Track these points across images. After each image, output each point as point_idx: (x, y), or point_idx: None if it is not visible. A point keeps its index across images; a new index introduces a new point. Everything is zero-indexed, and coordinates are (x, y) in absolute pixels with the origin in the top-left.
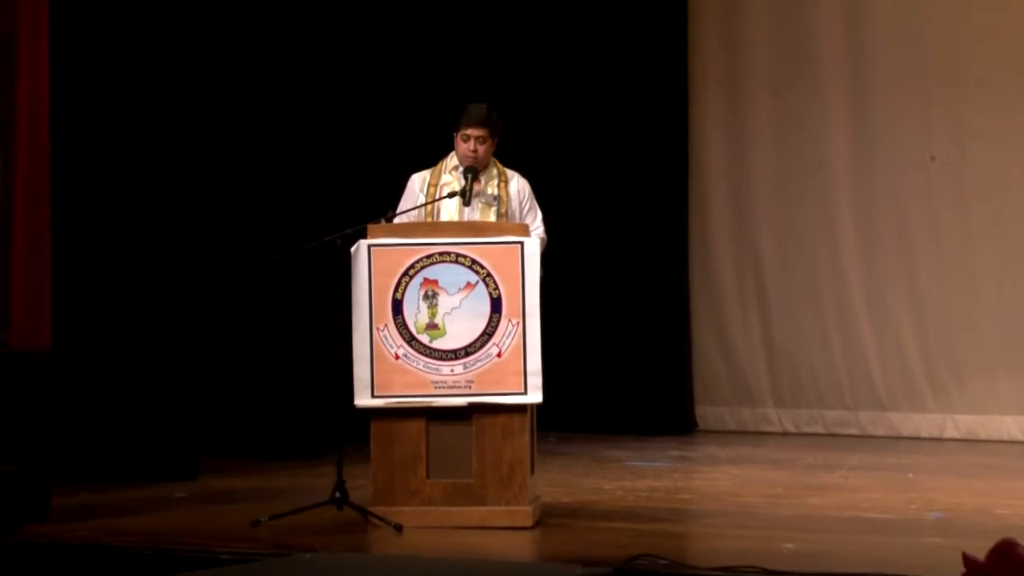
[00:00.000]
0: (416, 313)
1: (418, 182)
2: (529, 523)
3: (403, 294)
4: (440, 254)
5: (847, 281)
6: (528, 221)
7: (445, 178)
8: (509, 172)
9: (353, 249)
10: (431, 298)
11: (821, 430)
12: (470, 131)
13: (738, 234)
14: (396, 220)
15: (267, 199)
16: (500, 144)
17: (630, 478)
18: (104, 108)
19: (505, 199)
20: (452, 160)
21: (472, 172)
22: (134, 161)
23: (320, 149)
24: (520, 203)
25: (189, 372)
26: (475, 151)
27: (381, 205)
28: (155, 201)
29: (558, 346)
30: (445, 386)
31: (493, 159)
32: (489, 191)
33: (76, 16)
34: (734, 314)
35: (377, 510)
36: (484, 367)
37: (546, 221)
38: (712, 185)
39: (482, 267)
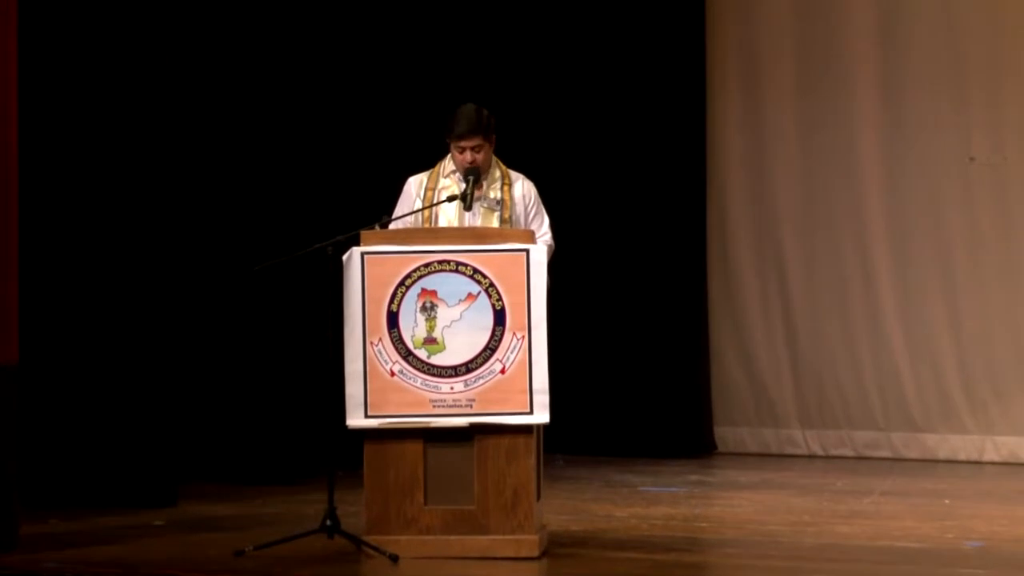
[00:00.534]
0: (413, 326)
1: (415, 185)
2: (535, 553)
3: (399, 306)
4: (439, 263)
5: (878, 291)
6: (534, 227)
7: (444, 181)
8: (513, 174)
9: (345, 257)
10: (429, 310)
11: (850, 453)
12: (464, 142)
13: (760, 241)
14: (392, 226)
15: (251, 204)
16: (504, 144)
17: (644, 504)
18: (76, 109)
19: (509, 203)
20: (449, 163)
21: (473, 175)
22: (108, 164)
23: (309, 149)
24: (525, 207)
25: (167, 390)
26: (472, 161)
27: (375, 210)
28: (131, 207)
29: (566, 362)
30: (444, 405)
31: (495, 159)
32: (491, 195)
33: (47, 11)
34: (756, 326)
35: (371, 539)
36: (487, 384)
37: (553, 227)
38: (732, 189)
39: (484, 277)
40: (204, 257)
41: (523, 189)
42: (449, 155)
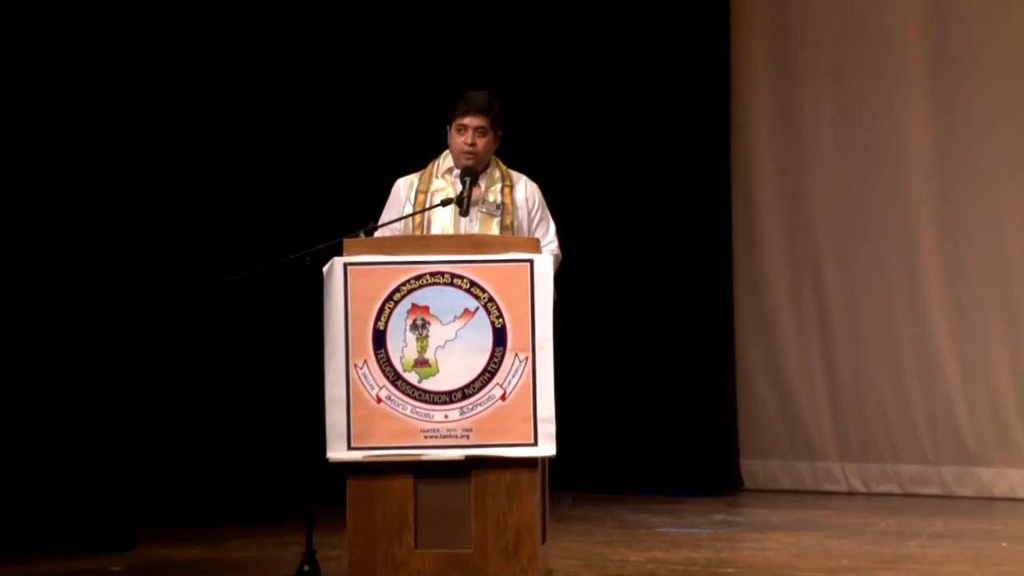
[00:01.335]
0: (402, 347)
1: (404, 188)
2: None
3: (387, 324)
4: (432, 275)
5: (928, 308)
6: (538, 234)
7: (437, 183)
8: (515, 175)
9: (326, 269)
10: (421, 328)
11: (896, 489)
12: (468, 120)
13: (793, 249)
14: (378, 233)
15: (220, 208)
16: (504, 143)
17: (663, 548)
18: (19, 107)
19: (510, 207)
20: (445, 161)
21: (471, 175)
22: (53, 164)
23: (285, 146)
24: (529, 212)
25: (124, 421)
26: (473, 144)
27: (360, 216)
28: (82, 213)
29: (575, 387)
30: (438, 435)
31: (495, 159)
32: (491, 198)
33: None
34: (789, 346)
35: None
36: (485, 412)
37: (560, 233)
38: (761, 191)
39: (483, 290)
40: (166, 270)
41: (526, 191)
42: (443, 153)
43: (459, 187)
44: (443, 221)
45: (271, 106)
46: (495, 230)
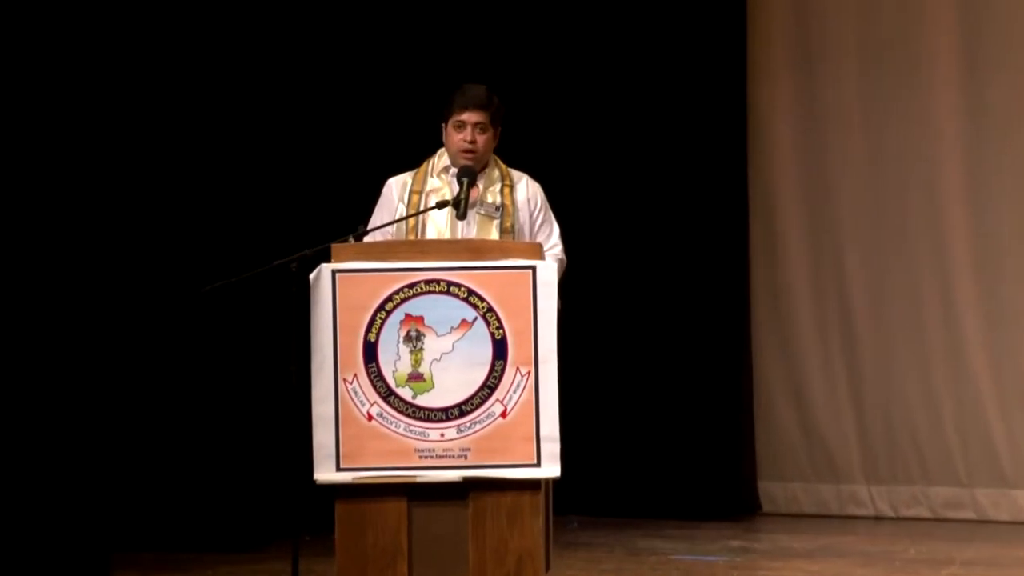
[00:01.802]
0: (395, 360)
1: (396, 188)
2: None
3: (378, 335)
4: (427, 283)
5: (960, 318)
6: (541, 237)
7: (432, 183)
8: (515, 174)
9: (312, 276)
10: (415, 340)
11: (927, 513)
12: (466, 115)
13: (815, 256)
14: (369, 238)
15: (197, 211)
16: (506, 140)
17: None
18: None
19: (511, 209)
20: (441, 160)
21: (469, 175)
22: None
23: (269, 145)
24: (531, 214)
25: (94, 439)
26: (472, 142)
27: (349, 219)
28: (51, 213)
29: (581, 403)
30: (433, 455)
31: (494, 158)
32: (490, 199)
33: None
34: (811, 360)
35: None
36: (484, 430)
37: (564, 237)
38: (780, 193)
39: (482, 299)
40: (140, 278)
41: (527, 191)
42: (439, 151)
43: (456, 187)
44: (439, 224)
45: (253, 102)
46: (495, 234)
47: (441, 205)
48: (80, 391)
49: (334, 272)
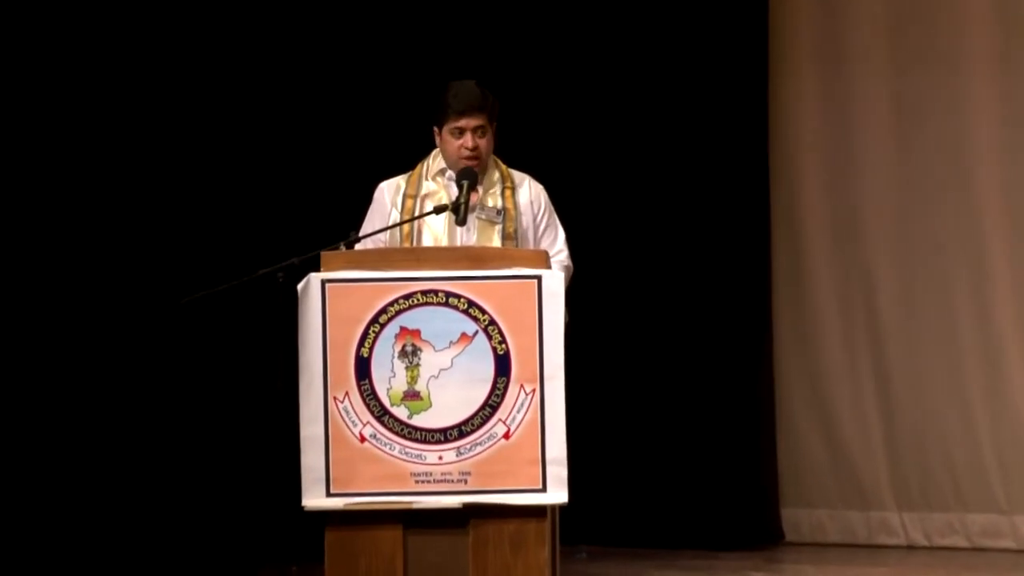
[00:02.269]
0: (390, 377)
1: (389, 192)
2: None
3: (371, 350)
4: (424, 293)
5: (998, 331)
6: (545, 243)
7: (428, 186)
8: (516, 175)
9: (300, 287)
10: (411, 355)
11: (963, 542)
12: (464, 121)
13: (842, 261)
14: (360, 245)
15: (175, 215)
16: (508, 139)
17: None
18: None
19: (513, 213)
20: (436, 161)
21: (470, 177)
22: None
23: (254, 148)
24: (534, 217)
25: (61, 462)
26: (475, 147)
27: (339, 225)
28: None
29: (590, 423)
30: (431, 480)
31: (494, 158)
32: (490, 203)
33: None
34: (838, 377)
35: None
36: (486, 453)
37: (570, 243)
38: (804, 196)
39: (483, 312)
40: (115, 288)
41: (530, 193)
42: (433, 152)
43: (453, 191)
44: (436, 231)
45: (236, 100)
46: (496, 240)
47: (439, 210)
48: (50, 409)
49: (324, 282)
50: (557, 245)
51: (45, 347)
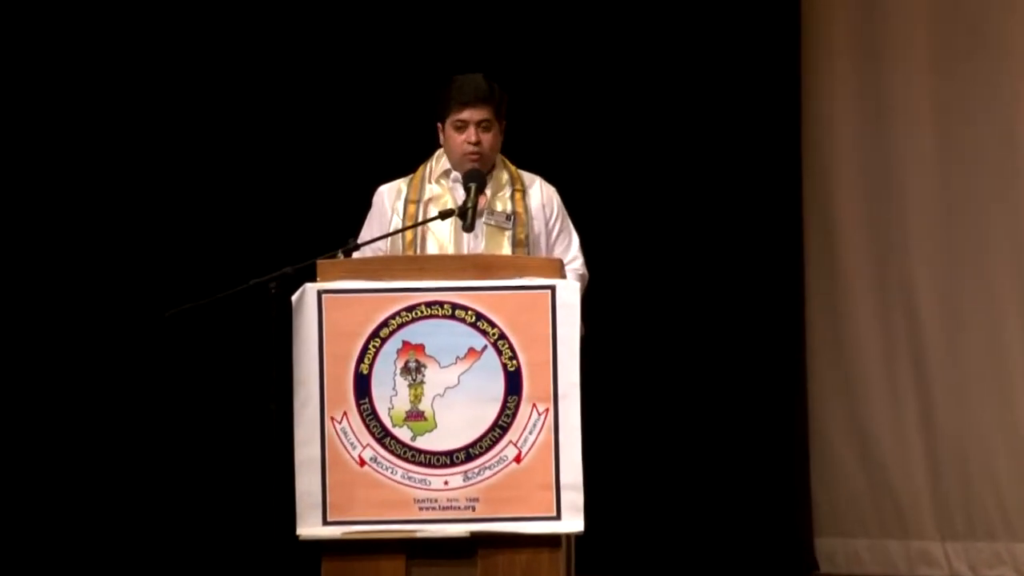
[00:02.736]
0: (391, 396)
1: (390, 197)
2: None
3: (371, 367)
4: (428, 305)
5: None
6: (558, 250)
7: (431, 189)
8: (527, 176)
9: (295, 298)
10: (414, 372)
11: (1011, 574)
12: (467, 114)
13: (881, 270)
14: (359, 253)
15: (159, 219)
16: (517, 138)
17: None
18: None
19: (524, 218)
20: (440, 163)
21: (477, 179)
22: None
23: (245, 149)
24: (546, 222)
25: (42, 486)
26: (478, 143)
27: (337, 232)
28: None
29: (608, 445)
30: (436, 506)
31: (502, 159)
32: (499, 206)
33: None
34: (876, 397)
35: None
36: (495, 478)
37: (585, 249)
38: (840, 202)
39: (492, 325)
40: (96, 300)
41: (542, 196)
42: (436, 153)
43: (459, 194)
44: (441, 237)
45: (227, 99)
46: (506, 247)
47: (445, 215)
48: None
49: (320, 293)
50: (571, 252)
51: (19, 369)
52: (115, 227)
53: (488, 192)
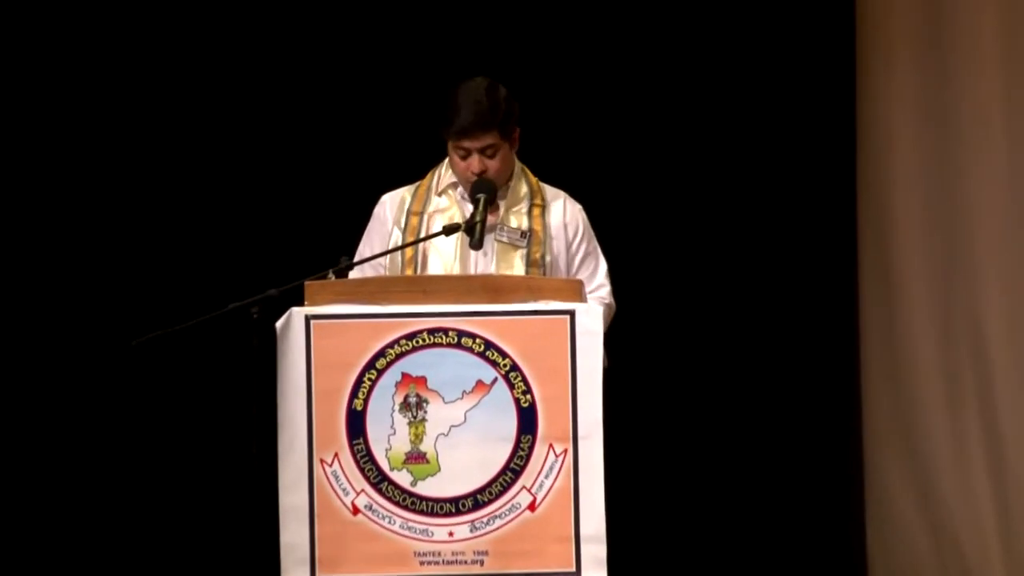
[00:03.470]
0: (389, 435)
1: (391, 208)
2: None
3: (367, 402)
4: (431, 332)
5: None
6: (583, 274)
7: (438, 201)
8: (550, 191)
9: (280, 324)
10: (415, 408)
11: None
12: (468, 143)
13: (943, 284)
14: (355, 273)
15: (128, 233)
16: (534, 148)
17: None
18: None
19: (541, 236)
20: (447, 173)
21: (487, 191)
22: None
23: (226, 155)
24: (568, 243)
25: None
26: (482, 171)
27: (329, 249)
28: None
29: (634, 491)
30: (440, 560)
31: (522, 168)
32: (513, 222)
33: None
34: (938, 437)
35: None
36: (507, 527)
37: (613, 275)
38: (899, 213)
39: (503, 355)
40: (56, 326)
41: (565, 214)
42: (445, 161)
43: (469, 208)
44: (445, 255)
45: (208, 100)
46: (519, 266)
47: (450, 230)
48: None
49: (308, 318)
50: (597, 278)
51: None
52: (72, 236)
53: (502, 206)
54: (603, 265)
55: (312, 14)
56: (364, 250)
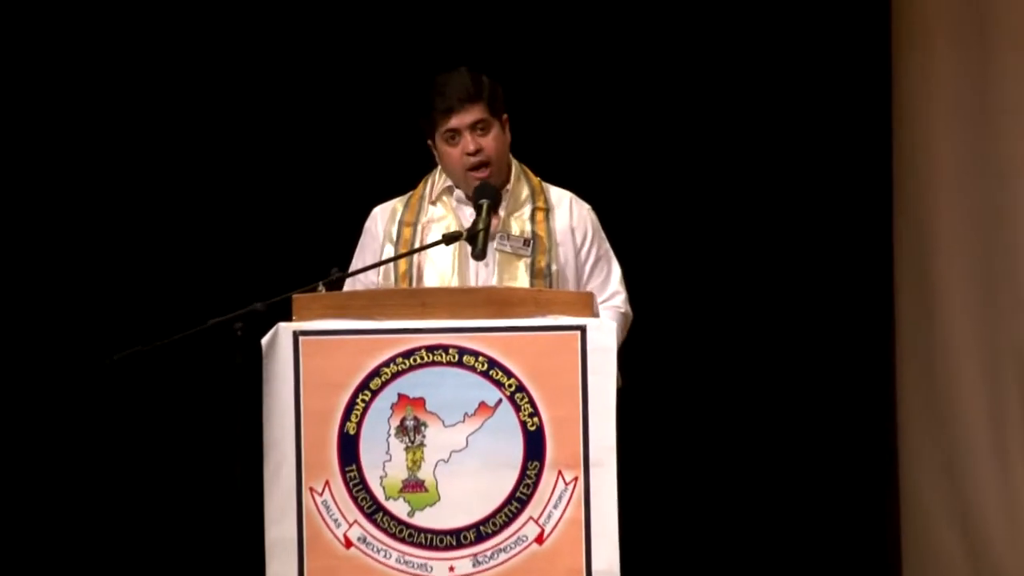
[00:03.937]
0: (385, 461)
1: (384, 219)
2: None
3: (360, 426)
4: (429, 350)
5: None
6: (594, 284)
7: (432, 211)
8: (554, 192)
9: (266, 341)
10: (413, 433)
11: None
12: (456, 120)
13: (985, 292)
14: (348, 286)
15: (104, 245)
16: (536, 146)
17: None
18: None
19: (546, 243)
20: (441, 179)
21: (489, 196)
22: None
23: (209, 162)
24: (577, 249)
25: None
26: (478, 149)
27: (320, 260)
28: None
29: (649, 520)
30: None
31: (521, 168)
32: (515, 229)
33: None
34: (979, 450)
35: None
36: (513, 561)
37: (627, 282)
38: (938, 216)
39: (508, 374)
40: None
41: (572, 217)
42: (438, 168)
43: (465, 214)
44: (441, 267)
45: (193, 108)
46: (523, 277)
47: (450, 239)
48: None
49: (297, 335)
50: (611, 286)
51: None
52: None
53: (502, 211)
54: (617, 271)
55: (301, 26)
56: (356, 265)
